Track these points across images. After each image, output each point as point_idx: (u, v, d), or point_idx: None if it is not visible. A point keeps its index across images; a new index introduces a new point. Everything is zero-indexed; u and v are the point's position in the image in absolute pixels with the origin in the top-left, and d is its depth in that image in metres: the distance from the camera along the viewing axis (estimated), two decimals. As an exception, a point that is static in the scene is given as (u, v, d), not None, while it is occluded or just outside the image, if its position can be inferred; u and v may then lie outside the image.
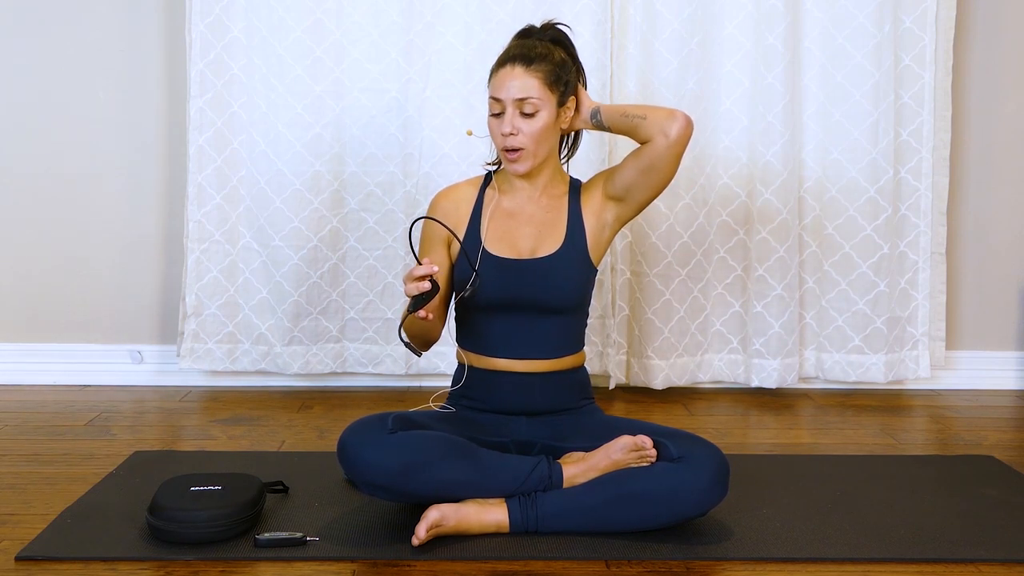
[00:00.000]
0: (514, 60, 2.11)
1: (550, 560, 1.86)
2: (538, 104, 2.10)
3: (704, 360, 3.25)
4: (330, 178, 3.10)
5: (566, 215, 2.20)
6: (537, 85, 2.10)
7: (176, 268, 3.21)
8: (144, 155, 3.21)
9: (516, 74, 2.10)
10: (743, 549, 1.92)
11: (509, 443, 2.13)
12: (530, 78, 2.09)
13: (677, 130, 2.09)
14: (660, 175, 2.16)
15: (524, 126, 2.10)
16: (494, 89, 2.12)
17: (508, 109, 2.10)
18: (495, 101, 2.12)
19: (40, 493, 2.20)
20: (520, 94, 2.09)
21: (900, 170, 3.18)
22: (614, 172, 2.22)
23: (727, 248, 3.20)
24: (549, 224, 2.19)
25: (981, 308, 3.38)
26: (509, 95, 2.09)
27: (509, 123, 2.09)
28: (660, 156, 2.12)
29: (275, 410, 2.98)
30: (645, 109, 2.14)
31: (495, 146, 2.18)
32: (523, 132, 2.10)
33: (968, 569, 1.87)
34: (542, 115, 2.10)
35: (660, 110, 2.14)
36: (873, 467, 2.47)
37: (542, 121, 2.10)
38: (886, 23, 3.09)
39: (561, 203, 2.21)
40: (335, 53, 3.07)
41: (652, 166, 2.14)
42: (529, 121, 2.10)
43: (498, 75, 2.12)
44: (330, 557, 1.86)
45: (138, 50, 3.18)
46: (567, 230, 2.19)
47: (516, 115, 2.10)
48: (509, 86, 2.10)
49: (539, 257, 2.16)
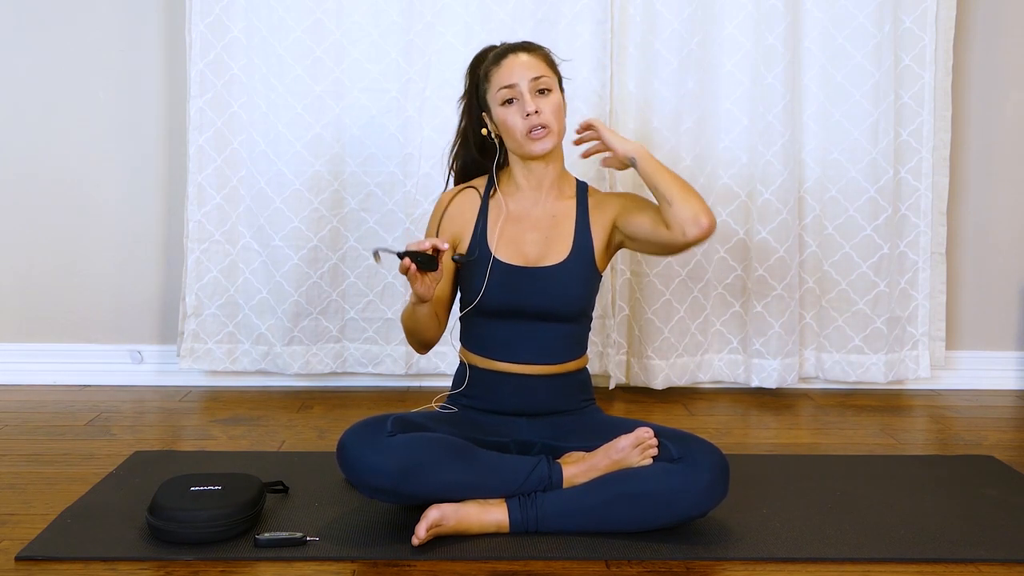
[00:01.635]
0: (514, 49, 2.16)
1: (550, 560, 1.86)
2: (549, 82, 2.14)
3: (704, 360, 3.25)
4: (330, 178, 3.10)
5: (574, 222, 2.20)
6: (543, 65, 2.15)
7: (176, 268, 3.21)
8: (144, 155, 3.21)
9: (522, 59, 2.14)
10: (743, 549, 1.92)
11: (509, 443, 2.13)
12: (536, 59, 2.15)
13: (695, 234, 2.07)
14: (667, 253, 2.25)
15: (543, 104, 2.12)
16: (504, 77, 2.13)
17: (524, 92, 2.11)
18: (507, 89, 2.12)
19: (40, 493, 2.20)
20: (534, 72, 2.12)
21: (900, 170, 3.18)
22: (629, 213, 2.19)
23: (727, 248, 3.20)
24: (556, 230, 2.19)
25: (981, 308, 3.38)
26: (524, 76, 2.11)
27: (531, 103, 2.10)
28: (671, 245, 2.12)
29: (275, 410, 2.98)
30: (675, 190, 2.07)
31: (514, 135, 2.13)
32: (545, 110, 2.11)
33: (968, 569, 1.87)
34: (555, 93, 2.15)
35: (689, 203, 2.06)
36: (873, 467, 2.47)
37: (556, 99, 2.14)
38: (886, 23, 3.09)
39: (569, 206, 2.21)
40: (335, 53, 3.07)
41: (662, 246, 2.15)
42: (547, 98, 2.13)
43: (503, 66, 2.14)
44: (330, 557, 1.86)
45: (138, 50, 3.18)
46: (575, 238, 2.18)
47: (534, 95, 2.11)
48: (520, 70, 2.12)
49: (546, 266, 2.16)
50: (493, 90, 2.15)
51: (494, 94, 2.15)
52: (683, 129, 3.12)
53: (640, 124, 3.11)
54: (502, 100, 2.14)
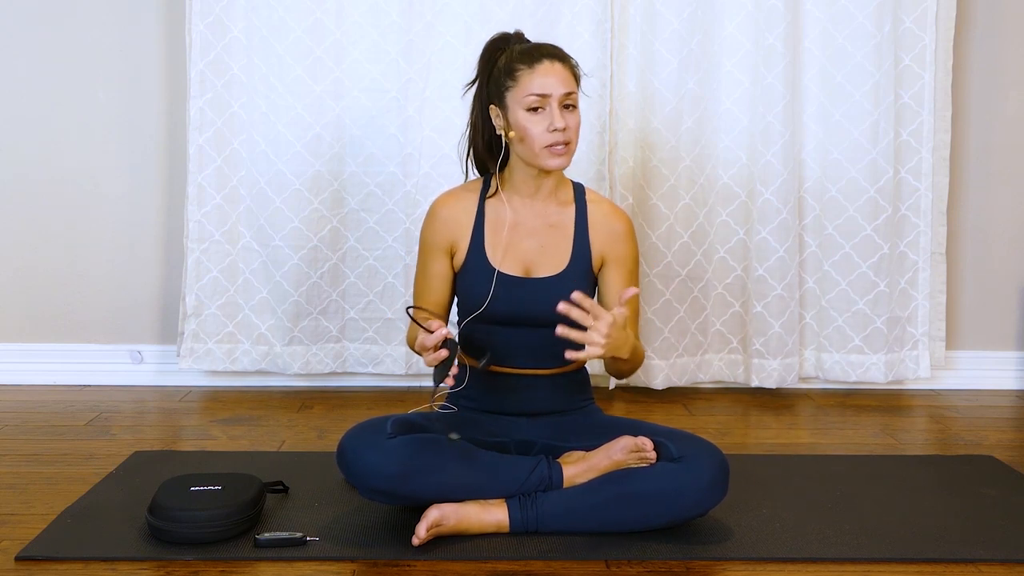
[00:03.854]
0: (551, 56, 2.09)
1: (550, 560, 1.86)
2: (577, 98, 2.10)
3: (704, 360, 3.25)
4: (330, 178, 3.10)
5: (572, 230, 2.17)
6: (573, 79, 2.10)
7: (176, 268, 3.21)
8: (144, 155, 3.21)
9: (557, 70, 2.08)
10: (743, 549, 1.92)
11: (509, 443, 2.13)
12: (568, 73, 2.09)
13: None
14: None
15: (570, 120, 2.08)
16: (537, 85, 2.05)
17: (554, 105, 2.06)
18: (539, 97, 2.06)
19: (40, 493, 2.20)
20: (568, 88, 2.07)
21: (900, 170, 3.18)
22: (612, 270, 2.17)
23: (727, 248, 3.20)
24: (553, 239, 2.16)
25: (981, 308, 3.38)
26: (558, 90, 2.06)
27: (560, 118, 2.06)
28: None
29: (275, 410, 2.98)
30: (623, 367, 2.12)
31: (532, 144, 2.07)
32: (571, 126, 2.08)
33: (968, 569, 1.87)
34: (578, 111, 2.12)
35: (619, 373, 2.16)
36: (873, 467, 2.47)
37: (578, 117, 2.12)
38: (886, 23, 3.09)
39: (566, 214, 2.18)
40: (335, 53, 3.07)
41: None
42: (573, 114, 2.09)
43: (536, 71, 2.06)
44: (330, 557, 1.86)
45: (138, 50, 3.18)
46: (574, 248, 2.16)
47: (562, 109, 2.07)
48: (556, 81, 2.06)
49: (544, 276, 2.14)
50: (519, 92, 2.07)
51: (520, 97, 2.07)
52: (683, 129, 3.12)
53: (640, 124, 3.11)
54: (528, 106, 2.06)
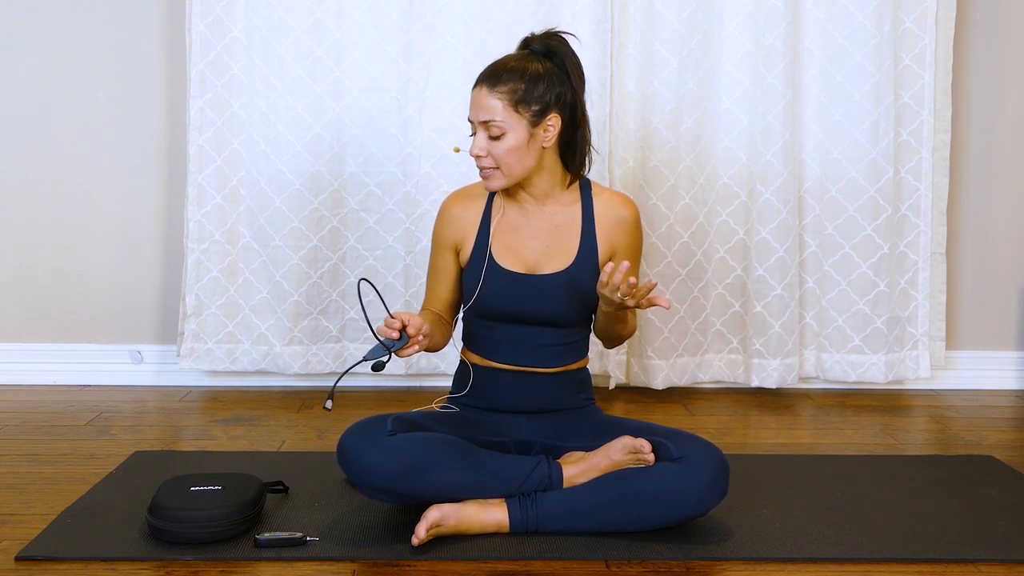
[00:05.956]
0: (481, 81, 2.07)
1: (550, 560, 1.86)
2: (503, 126, 2.02)
3: (704, 360, 3.25)
4: (330, 178, 3.10)
5: (579, 229, 2.16)
6: (501, 107, 2.02)
7: (176, 268, 3.21)
8: (144, 155, 3.21)
9: (481, 96, 2.05)
10: (743, 549, 1.92)
11: (509, 442, 2.13)
12: (494, 99, 2.03)
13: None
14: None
15: (492, 148, 2.05)
16: (470, 109, 2.08)
17: (478, 130, 2.06)
18: (470, 122, 2.09)
19: (40, 493, 2.20)
20: (484, 116, 2.04)
21: (900, 170, 3.18)
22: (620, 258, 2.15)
23: (727, 248, 3.20)
24: (558, 239, 2.15)
25: (981, 308, 3.38)
26: (476, 117, 2.06)
27: (476, 144, 2.06)
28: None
29: (275, 410, 2.98)
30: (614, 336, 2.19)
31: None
32: (491, 154, 2.05)
33: (968, 569, 1.87)
34: (509, 137, 2.03)
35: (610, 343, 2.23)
36: (873, 467, 2.47)
37: (509, 143, 2.03)
38: (886, 23, 3.09)
39: (572, 214, 2.16)
40: (335, 53, 3.07)
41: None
42: (496, 143, 2.04)
43: (472, 95, 2.08)
44: (330, 557, 1.86)
45: (138, 50, 3.18)
46: (580, 246, 2.14)
47: (485, 136, 2.05)
48: (475, 108, 2.06)
49: (547, 273, 2.13)
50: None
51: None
52: (683, 129, 3.12)
53: (640, 124, 3.11)
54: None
